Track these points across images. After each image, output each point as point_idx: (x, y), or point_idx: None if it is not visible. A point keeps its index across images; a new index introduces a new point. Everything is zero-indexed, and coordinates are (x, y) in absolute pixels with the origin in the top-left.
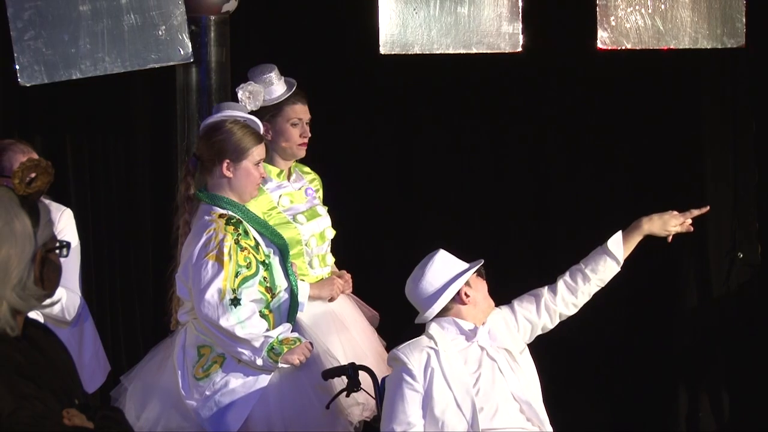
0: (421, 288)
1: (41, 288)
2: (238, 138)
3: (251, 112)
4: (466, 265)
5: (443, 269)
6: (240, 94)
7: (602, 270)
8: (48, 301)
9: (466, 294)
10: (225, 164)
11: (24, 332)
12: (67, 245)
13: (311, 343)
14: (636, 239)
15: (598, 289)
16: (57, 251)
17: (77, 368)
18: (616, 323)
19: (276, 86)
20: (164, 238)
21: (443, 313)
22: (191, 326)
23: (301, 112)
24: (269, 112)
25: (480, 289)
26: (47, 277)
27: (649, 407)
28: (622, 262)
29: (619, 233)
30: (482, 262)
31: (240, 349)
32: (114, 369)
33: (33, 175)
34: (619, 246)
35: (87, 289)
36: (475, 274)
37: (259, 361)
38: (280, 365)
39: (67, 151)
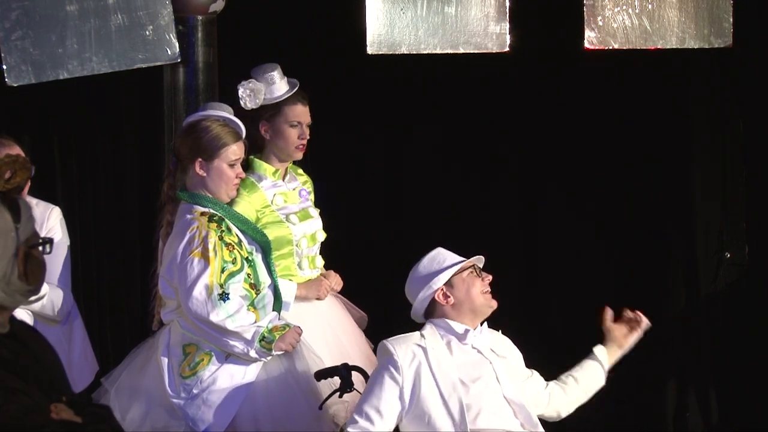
0: (408, 289)
1: (26, 284)
2: (211, 137)
3: (249, 111)
4: (451, 266)
5: (425, 270)
6: (240, 92)
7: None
8: (33, 297)
9: (444, 295)
10: (197, 163)
11: (11, 329)
12: (50, 241)
13: (300, 328)
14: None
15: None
16: (40, 247)
17: (66, 367)
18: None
19: (278, 85)
20: (152, 237)
21: (435, 314)
22: (176, 325)
23: (301, 114)
24: (269, 111)
25: (466, 288)
26: (31, 272)
27: (636, 407)
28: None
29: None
30: (462, 261)
31: (232, 343)
32: (102, 368)
33: (11, 171)
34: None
35: (74, 289)
36: (468, 272)
37: (252, 353)
38: (273, 353)
39: (55, 151)
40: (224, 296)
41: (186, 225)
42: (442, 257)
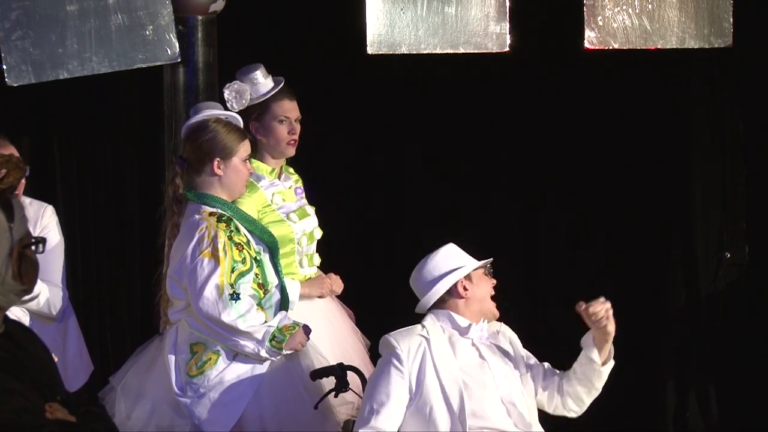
0: (421, 275)
1: (20, 283)
2: (224, 136)
3: (239, 112)
4: (472, 261)
5: (446, 260)
6: (226, 94)
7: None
8: (27, 297)
9: (464, 287)
10: (215, 163)
11: (5, 329)
12: (43, 241)
13: (309, 327)
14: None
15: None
16: (33, 247)
17: (61, 366)
18: None
19: (262, 84)
20: (152, 238)
21: (440, 305)
22: (183, 324)
23: (288, 109)
24: (256, 111)
25: (481, 287)
26: (25, 272)
27: (636, 407)
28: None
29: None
30: (490, 260)
31: (243, 342)
32: (102, 368)
33: (4, 171)
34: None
35: (74, 289)
36: (482, 271)
37: (263, 352)
38: (284, 352)
39: (55, 151)
40: (235, 296)
41: (195, 225)
42: (458, 252)
